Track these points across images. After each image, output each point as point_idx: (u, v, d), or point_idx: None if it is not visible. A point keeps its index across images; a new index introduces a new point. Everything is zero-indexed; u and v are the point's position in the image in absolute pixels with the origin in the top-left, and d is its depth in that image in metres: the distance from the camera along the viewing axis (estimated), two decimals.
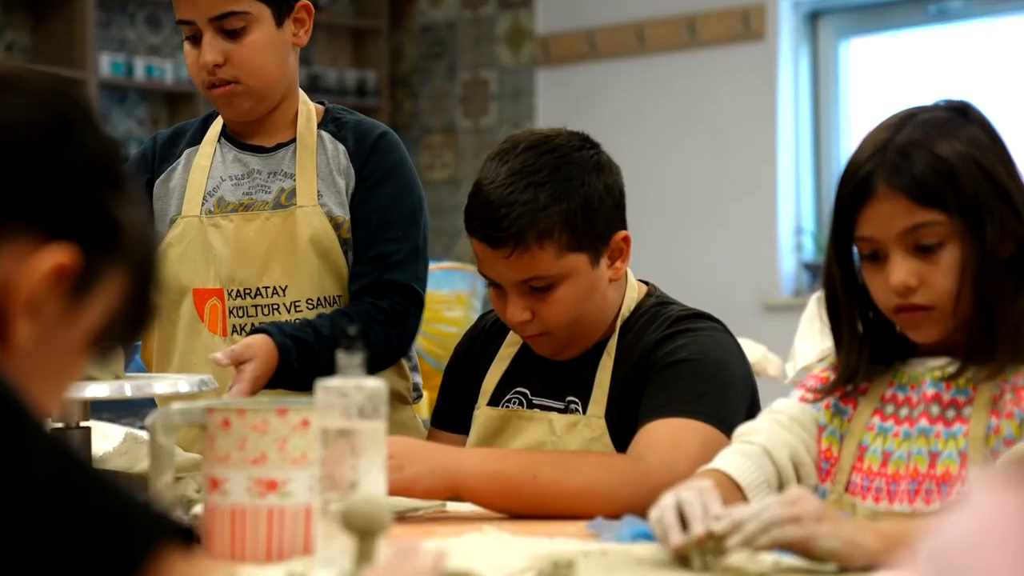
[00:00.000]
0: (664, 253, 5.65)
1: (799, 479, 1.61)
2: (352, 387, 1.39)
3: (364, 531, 1.27)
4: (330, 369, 2.07)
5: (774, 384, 3.28)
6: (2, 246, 0.88)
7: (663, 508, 1.41)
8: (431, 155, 6.53)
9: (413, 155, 6.48)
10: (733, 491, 1.56)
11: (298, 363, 2.06)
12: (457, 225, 6.43)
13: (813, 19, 5.56)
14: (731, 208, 5.58)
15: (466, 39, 6.40)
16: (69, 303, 0.91)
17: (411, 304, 2.19)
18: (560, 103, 6.05)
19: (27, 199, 0.90)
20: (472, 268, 3.65)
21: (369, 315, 2.12)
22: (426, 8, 6.52)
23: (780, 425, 1.64)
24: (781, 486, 1.60)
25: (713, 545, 1.36)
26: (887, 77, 5.43)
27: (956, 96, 1.63)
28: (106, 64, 5.60)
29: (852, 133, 5.52)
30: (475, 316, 3.59)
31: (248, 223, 2.19)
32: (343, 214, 2.18)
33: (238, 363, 2.00)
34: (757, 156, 5.54)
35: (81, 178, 0.93)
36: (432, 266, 3.74)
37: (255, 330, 2.08)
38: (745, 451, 1.61)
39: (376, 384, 1.40)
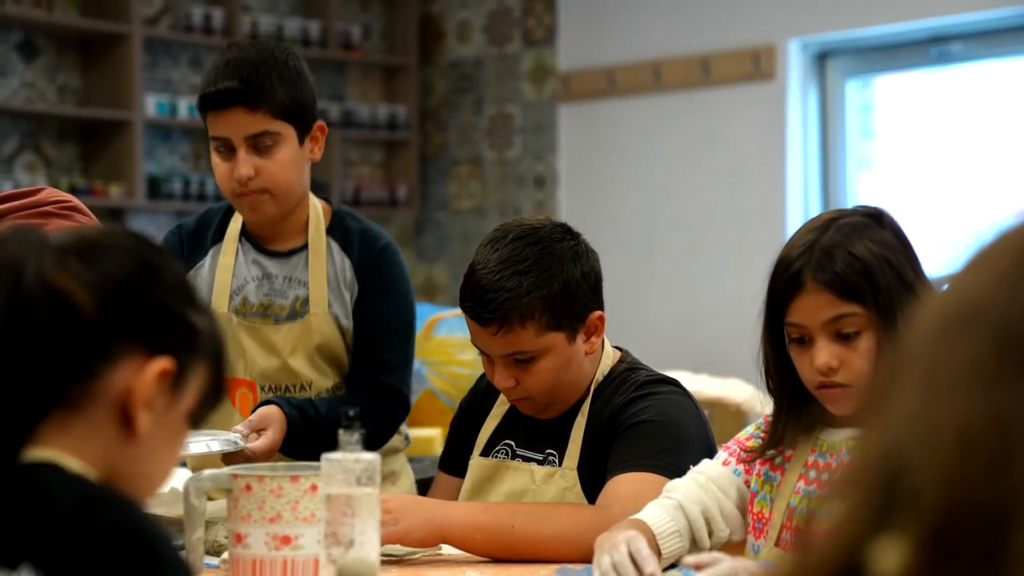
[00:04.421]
0: (676, 283, 5.92)
1: (710, 532, 1.92)
2: (352, 460, 1.70)
3: None
4: (323, 442, 2.40)
5: None
6: (121, 363, 1.20)
7: (604, 570, 1.72)
8: (459, 185, 6.82)
9: (442, 185, 6.81)
10: (650, 537, 1.87)
11: (302, 431, 2.38)
12: None
13: (821, 60, 5.81)
14: (742, 240, 5.82)
15: (492, 75, 6.69)
16: (172, 395, 1.23)
17: (399, 406, 2.56)
18: (580, 137, 6.31)
19: (135, 327, 1.22)
20: None
21: (365, 406, 2.43)
22: (454, 45, 6.81)
23: (698, 484, 1.95)
24: (693, 536, 1.91)
25: None
26: (892, 116, 5.68)
27: (872, 204, 1.91)
28: (151, 104, 5.88)
29: (859, 168, 5.77)
30: None
31: (273, 333, 2.53)
32: (348, 323, 2.53)
33: (257, 431, 2.31)
34: (767, 190, 5.77)
35: (168, 304, 1.24)
36: (446, 313, 4.05)
37: (265, 402, 2.40)
38: (663, 504, 1.93)
39: (372, 457, 1.70)
